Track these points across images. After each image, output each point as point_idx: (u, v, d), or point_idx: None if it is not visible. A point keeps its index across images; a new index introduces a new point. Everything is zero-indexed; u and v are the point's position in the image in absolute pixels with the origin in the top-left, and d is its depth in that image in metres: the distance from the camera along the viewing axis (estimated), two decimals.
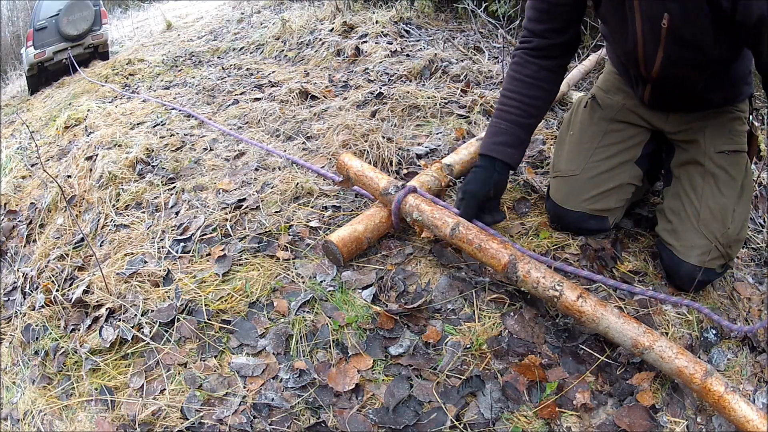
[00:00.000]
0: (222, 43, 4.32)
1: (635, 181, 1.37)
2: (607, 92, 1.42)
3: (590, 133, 1.39)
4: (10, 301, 1.65)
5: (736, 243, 1.24)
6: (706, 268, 1.21)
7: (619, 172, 1.35)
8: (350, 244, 1.30)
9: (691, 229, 1.24)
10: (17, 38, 9.83)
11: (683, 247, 1.24)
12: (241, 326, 1.23)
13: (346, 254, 1.30)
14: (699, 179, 1.27)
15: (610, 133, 1.38)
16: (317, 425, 1.03)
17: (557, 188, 1.39)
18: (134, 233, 1.64)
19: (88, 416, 1.14)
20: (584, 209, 1.35)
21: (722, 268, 1.27)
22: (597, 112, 1.41)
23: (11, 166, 2.71)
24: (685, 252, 1.24)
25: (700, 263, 1.21)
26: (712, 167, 1.26)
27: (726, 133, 1.28)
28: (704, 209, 1.24)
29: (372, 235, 1.34)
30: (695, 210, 1.25)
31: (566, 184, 1.37)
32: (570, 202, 1.36)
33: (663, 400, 1.05)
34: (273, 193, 1.65)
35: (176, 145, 2.18)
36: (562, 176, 1.39)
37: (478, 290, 1.24)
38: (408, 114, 2.12)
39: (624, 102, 1.38)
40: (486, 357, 1.12)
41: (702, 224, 1.23)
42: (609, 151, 1.36)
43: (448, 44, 3.00)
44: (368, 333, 1.18)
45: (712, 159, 1.26)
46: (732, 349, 1.19)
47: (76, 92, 4.09)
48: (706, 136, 1.28)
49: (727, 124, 1.28)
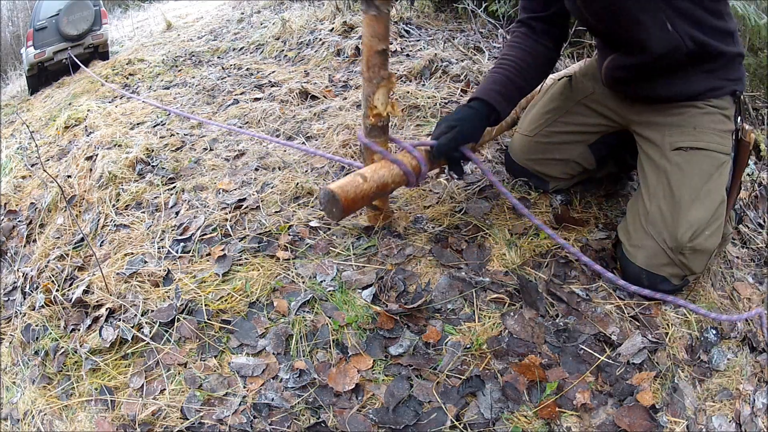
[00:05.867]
0: (222, 43, 4.32)
1: (583, 162, 1.46)
2: (584, 76, 1.44)
3: (554, 106, 1.46)
4: (10, 301, 1.65)
5: (693, 253, 1.15)
6: (656, 275, 1.17)
7: (569, 148, 1.44)
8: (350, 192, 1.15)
9: (639, 228, 1.21)
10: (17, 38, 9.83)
11: (632, 246, 1.22)
12: (241, 326, 1.23)
13: (346, 205, 1.14)
14: (653, 177, 1.22)
15: (572, 114, 1.43)
16: (317, 425, 1.03)
17: (513, 141, 1.55)
18: (134, 233, 1.64)
19: (88, 416, 1.14)
20: (527, 166, 1.51)
21: (680, 279, 1.20)
22: (567, 91, 1.46)
23: (11, 166, 2.71)
24: (633, 251, 1.21)
25: (646, 266, 1.18)
26: (665, 164, 1.20)
27: (690, 129, 1.20)
28: (653, 208, 1.19)
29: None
30: (645, 209, 1.21)
31: (520, 141, 1.52)
32: (518, 156, 1.52)
33: (663, 400, 1.05)
34: (273, 193, 1.65)
35: (176, 145, 2.18)
36: (520, 133, 1.53)
37: (478, 290, 1.24)
38: (408, 114, 2.12)
39: (594, 89, 1.40)
40: (486, 357, 1.12)
41: (650, 224, 1.19)
42: (565, 127, 1.44)
43: (448, 44, 3.00)
44: (368, 333, 1.18)
45: (666, 156, 1.21)
46: (732, 349, 1.19)
47: (76, 92, 4.09)
48: (665, 132, 1.23)
49: (693, 119, 1.21)
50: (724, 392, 1.11)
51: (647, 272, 1.19)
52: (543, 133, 1.46)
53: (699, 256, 1.17)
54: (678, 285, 1.21)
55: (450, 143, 1.22)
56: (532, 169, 1.51)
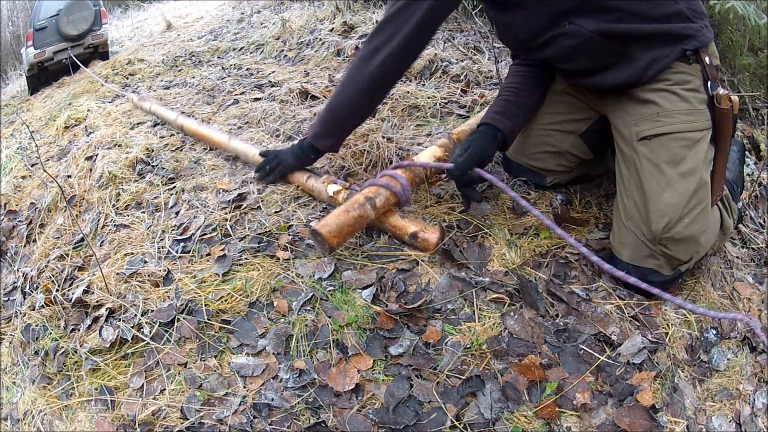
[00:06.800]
0: (222, 43, 4.32)
1: (577, 152, 1.45)
2: None
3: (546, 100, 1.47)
4: (10, 301, 1.65)
5: (674, 242, 1.13)
6: (642, 268, 1.17)
7: (560, 139, 1.44)
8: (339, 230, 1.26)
9: (621, 224, 1.21)
10: (17, 38, 9.84)
11: (617, 243, 1.23)
12: (241, 326, 1.23)
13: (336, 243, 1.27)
14: (625, 170, 1.21)
15: (557, 104, 1.44)
16: (317, 425, 1.03)
17: None
18: (134, 233, 1.64)
19: (88, 416, 1.14)
20: (523, 163, 1.52)
21: (671, 270, 1.18)
22: (554, 84, 1.47)
23: (11, 166, 2.71)
24: (619, 248, 1.22)
25: (630, 260, 1.18)
26: (633, 156, 1.18)
27: (654, 115, 1.15)
28: (629, 203, 1.19)
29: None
30: (623, 204, 1.21)
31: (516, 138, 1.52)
32: (513, 154, 1.53)
33: (663, 400, 1.05)
34: (273, 193, 1.65)
35: (176, 145, 2.18)
36: None
37: (478, 290, 1.24)
38: (408, 114, 2.12)
39: None
40: (486, 357, 1.12)
41: (629, 219, 1.19)
42: (552, 118, 1.44)
43: (448, 44, 3.00)
44: (368, 333, 1.18)
45: (633, 147, 1.18)
46: (732, 349, 1.19)
47: (76, 92, 4.09)
48: (631, 122, 1.19)
49: (656, 106, 1.15)
50: (724, 392, 1.11)
51: (633, 266, 1.19)
52: (535, 128, 1.47)
53: (682, 245, 1.14)
54: (670, 276, 1.19)
55: (467, 161, 1.29)
56: (528, 165, 1.51)
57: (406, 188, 1.36)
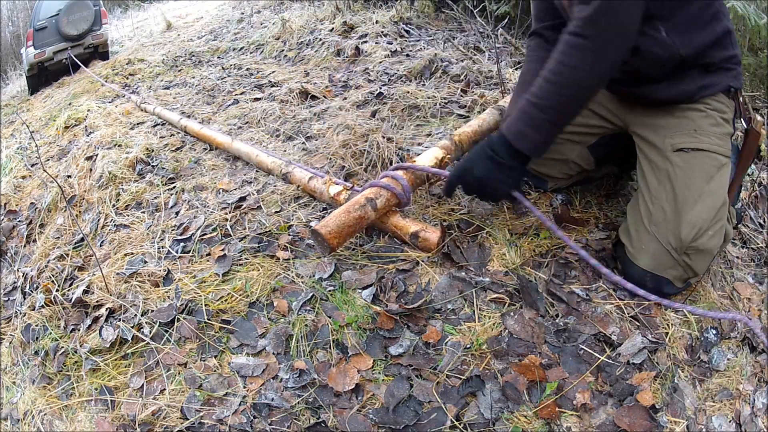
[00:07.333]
0: (222, 43, 4.32)
1: (582, 162, 1.46)
2: None
3: None
4: (10, 301, 1.65)
5: (696, 253, 1.16)
6: (661, 277, 1.18)
7: (568, 149, 1.44)
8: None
9: (643, 229, 1.21)
10: (17, 38, 9.84)
11: (635, 248, 1.22)
12: (241, 326, 1.23)
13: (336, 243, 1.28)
14: (654, 179, 1.23)
15: None
16: (317, 425, 1.03)
17: None
18: (134, 233, 1.64)
19: (88, 416, 1.14)
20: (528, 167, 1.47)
21: (683, 282, 1.20)
22: None
23: (11, 166, 2.71)
24: (636, 254, 1.21)
25: (650, 268, 1.19)
26: (667, 166, 1.20)
27: (691, 131, 1.21)
28: (656, 210, 1.19)
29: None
30: (648, 211, 1.21)
31: None
32: None
33: (663, 400, 1.05)
34: (273, 193, 1.65)
35: (176, 145, 2.18)
36: None
37: (478, 290, 1.24)
38: (408, 114, 2.12)
39: None
40: (486, 357, 1.12)
41: (653, 225, 1.19)
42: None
43: (448, 44, 3.00)
44: (368, 333, 1.18)
45: (667, 157, 1.21)
46: (732, 349, 1.19)
47: (76, 92, 4.09)
48: (666, 134, 1.23)
49: (693, 122, 1.22)
50: (724, 392, 1.11)
51: (651, 274, 1.19)
52: None
53: (702, 257, 1.17)
54: (681, 288, 1.22)
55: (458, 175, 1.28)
56: (531, 168, 1.51)
57: (407, 189, 1.36)
